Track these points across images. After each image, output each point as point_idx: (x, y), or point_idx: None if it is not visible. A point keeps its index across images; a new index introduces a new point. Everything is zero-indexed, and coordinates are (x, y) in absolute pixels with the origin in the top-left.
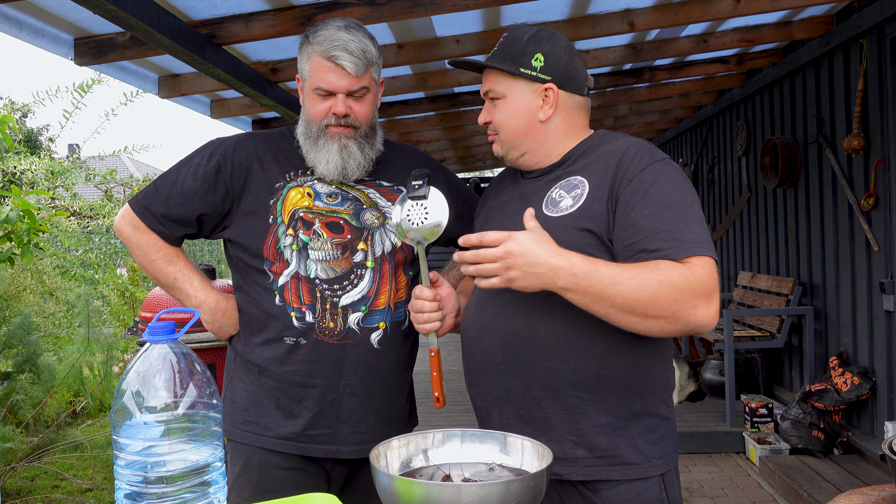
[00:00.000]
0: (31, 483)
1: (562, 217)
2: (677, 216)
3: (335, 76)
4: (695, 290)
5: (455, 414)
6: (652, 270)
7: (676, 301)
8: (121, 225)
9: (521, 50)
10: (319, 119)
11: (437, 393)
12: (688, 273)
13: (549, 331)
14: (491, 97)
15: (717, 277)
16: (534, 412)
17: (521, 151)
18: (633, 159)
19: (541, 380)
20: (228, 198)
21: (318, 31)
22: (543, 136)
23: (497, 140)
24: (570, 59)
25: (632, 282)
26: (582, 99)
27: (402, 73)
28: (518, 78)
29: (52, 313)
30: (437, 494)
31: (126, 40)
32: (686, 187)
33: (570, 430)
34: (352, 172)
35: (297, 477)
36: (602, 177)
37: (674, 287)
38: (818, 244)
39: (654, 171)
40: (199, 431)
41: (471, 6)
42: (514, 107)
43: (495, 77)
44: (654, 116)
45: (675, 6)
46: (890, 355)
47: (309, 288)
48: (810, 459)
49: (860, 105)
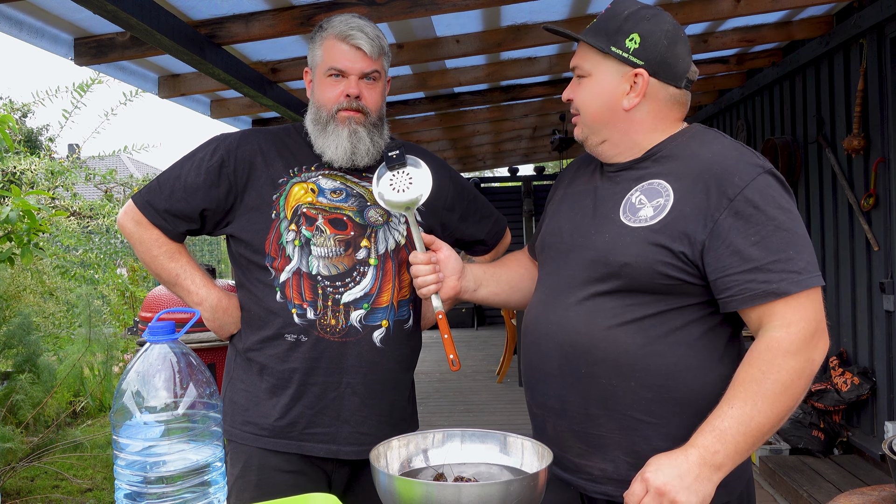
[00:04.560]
0: (31, 483)
1: (639, 228)
2: (788, 241)
3: (351, 56)
4: (807, 355)
5: (455, 414)
6: (764, 384)
7: (801, 380)
8: (123, 220)
9: (618, 27)
10: (330, 104)
11: (452, 355)
12: (794, 349)
13: (610, 346)
14: (578, 74)
15: (822, 308)
16: (588, 428)
17: (602, 138)
18: (733, 172)
19: (598, 396)
20: (231, 193)
21: (333, 19)
22: (627, 125)
23: (578, 122)
24: (670, 45)
25: (761, 413)
26: (678, 91)
27: (402, 73)
28: (608, 57)
29: (52, 313)
30: (437, 494)
31: (126, 40)
32: (791, 203)
33: (627, 452)
34: (360, 158)
35: (298, 479)
36: (692, 187)
37: (795, 378)
38: (818, 244)
39: (759, 187)
40: (199, 431)
41: (471, 6)
42: (598, 88)
43: (585, 52)
44: None
45: (675, 6)
46: (890, 355)
47: (311, 285)
48: (810, 459)
49: (860, 105)
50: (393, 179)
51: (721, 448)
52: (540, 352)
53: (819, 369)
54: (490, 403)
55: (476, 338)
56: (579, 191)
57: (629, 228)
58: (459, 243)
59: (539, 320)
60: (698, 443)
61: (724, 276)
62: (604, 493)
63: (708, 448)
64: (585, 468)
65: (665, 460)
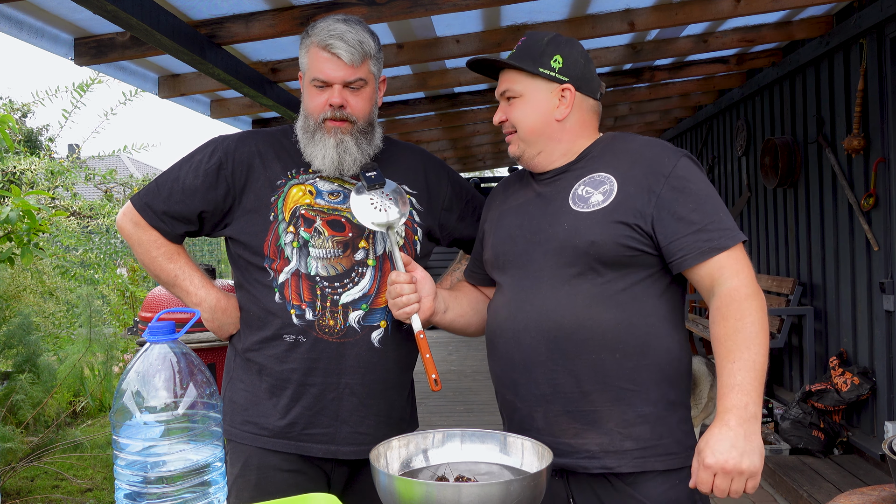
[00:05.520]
0: (31, 483)
1: (595, 212)
2: (716, 206)
3: (331, 66)
4: (760, 293)
5: (455, 414)
6: (745, 330)
7: (765, 314)
8: (122, 222)
9: (542, 51)
10: (317, 113)
11: (434, 375)
12: (751, 291)
13: (594, 323)
14: (508, 96)
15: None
16: (582, 406)
17: (538, 150)
18: (662, 156)
19: (588, 372)
20: (230, 195)
21: (317, 24)
22: (560, 134)
23: (514, 139)
24: (586, 64)
25: (754, 353)
26: (595, 102)
27: (402, 73)
28: (536, 77)
29: (52, 313)
30: (437, 494)
31: (126, 40)
32: (706, 177)
33: (619, 422)
34: (347, 168)
35: (297, 479)
36: (630, 172)
37: (762, 315)
38: (818, 244)
39: (685, 166)
40: (199, 431)
41: (471, 6)
42: (531, 105)
43: (513, 76)
44: (654, 116)
45: (675, 6)
46: (890, 355)
47: (309, 285)
48: (810, 459)
49: (860, 105)
50: (373, 199)
51: (748, 399)
52: (522, 344)
53: (819, 369)
54: (490, 403)
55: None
56: (518, 203)
57: (585, 214)
58: (457, 243)
59: (515, 314)
60: (728, 406)
61: (675, 240)
62: (604, 467)
63: (738, 406)
64: (583, 446)
65: (712, 439)
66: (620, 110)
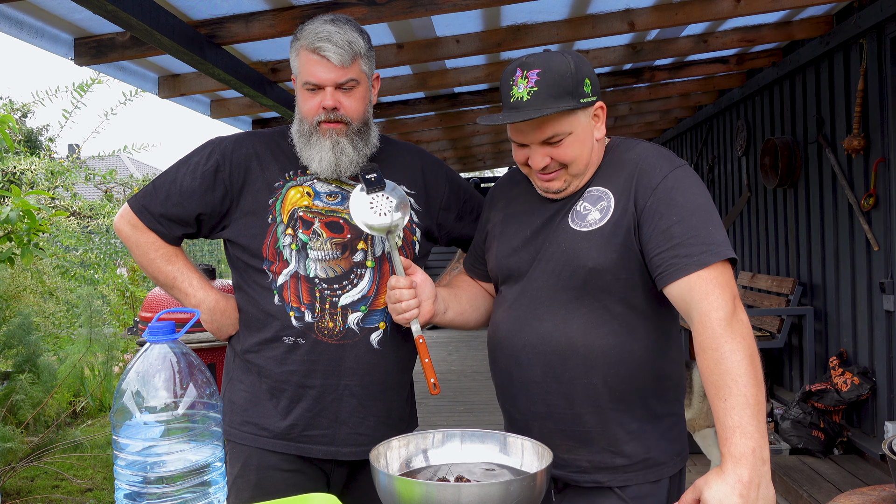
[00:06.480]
0: (31, 483)
1: (592, 232)
2: (704, 219)
3: (321, 69)
4: (726, 311)
5: (455, 414)
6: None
7: (748, 335)
8: (120, 224)
9: (576, 82)
10: (311, 116)
11: (433, 379)
12: (724, 316)
13: (588, 350)
14: (556, 140)
15: (734, 281)
16: (574, 426)
17: (583, 177)
18: (653, 168)
19: (581, 396)
20: (227, 197)
21: (305, 26)
22: (598, 151)
23: (560, 175)
24: (593, 71)
25: (743, 386)
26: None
27: (402, 73)
28: (576, 111)
29: (52, 313)
30: (436, 494)
31: (126, 40)
32: (706, 191)
33: (610, 442)
34: (345, 169)
35: (296, 479)
36: (625, 187)
37: (743, 345)
38: (818, 244)
39: (677, 177)
40: (199, 431)
41: (471, 6)
42: (580, 138)
43: (557, 119)
44: (654, 116)
45: (675, 6)
46: (890, 355)
47: (308, 287)
48: (810, 459)
49: (860, 105)
50: (373, 202)
51: (754, 443)
52: (520, 364)
53: (819, 369)
54: (490, 403)
55: (476, 337)
56: (523, 210)
57: (583, 234)
58: (456, 242)
59: (514, 335)
60: (735, 453)
61: (655, 255)
62: (595, 481)
63: (746, 453)
64: (575, 462)
65: (723, 489)
66: (620, 110)
